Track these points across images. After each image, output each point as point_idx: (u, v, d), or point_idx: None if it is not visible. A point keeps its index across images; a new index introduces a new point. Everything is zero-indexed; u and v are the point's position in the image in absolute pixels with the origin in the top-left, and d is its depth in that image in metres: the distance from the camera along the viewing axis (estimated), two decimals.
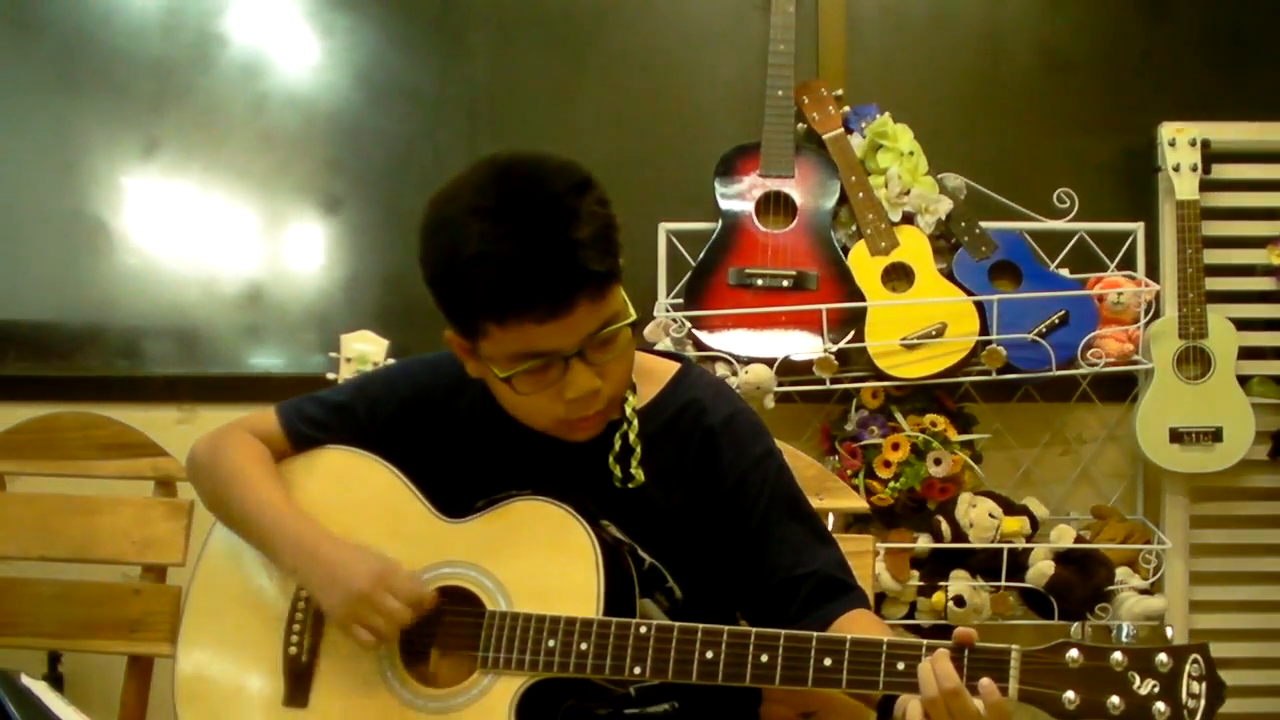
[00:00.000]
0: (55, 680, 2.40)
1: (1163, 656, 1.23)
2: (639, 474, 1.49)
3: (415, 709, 1.44)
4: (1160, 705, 1.22)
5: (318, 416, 1.60)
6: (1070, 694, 1.24)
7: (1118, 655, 1.24)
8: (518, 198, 1.35)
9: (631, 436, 1.50)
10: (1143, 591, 2.53)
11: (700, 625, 1.38)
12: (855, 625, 1.44)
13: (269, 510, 1.51)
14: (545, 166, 1.39)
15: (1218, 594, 2.70)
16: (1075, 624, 1.18)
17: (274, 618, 1.53)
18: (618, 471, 1.50)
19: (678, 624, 1.39)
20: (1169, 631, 1.28)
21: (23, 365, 2.77)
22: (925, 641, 1.31)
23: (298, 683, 1.50)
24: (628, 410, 1.50)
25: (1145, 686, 1.23)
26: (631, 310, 1.43)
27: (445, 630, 1.47)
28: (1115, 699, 1.23)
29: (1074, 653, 1.25)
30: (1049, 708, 1.25)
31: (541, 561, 1.44)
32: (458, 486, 1.53)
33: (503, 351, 1.39)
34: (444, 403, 1.56)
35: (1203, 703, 1.21)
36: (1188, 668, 1.22)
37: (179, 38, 2.77)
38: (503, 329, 1.36)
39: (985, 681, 1.25)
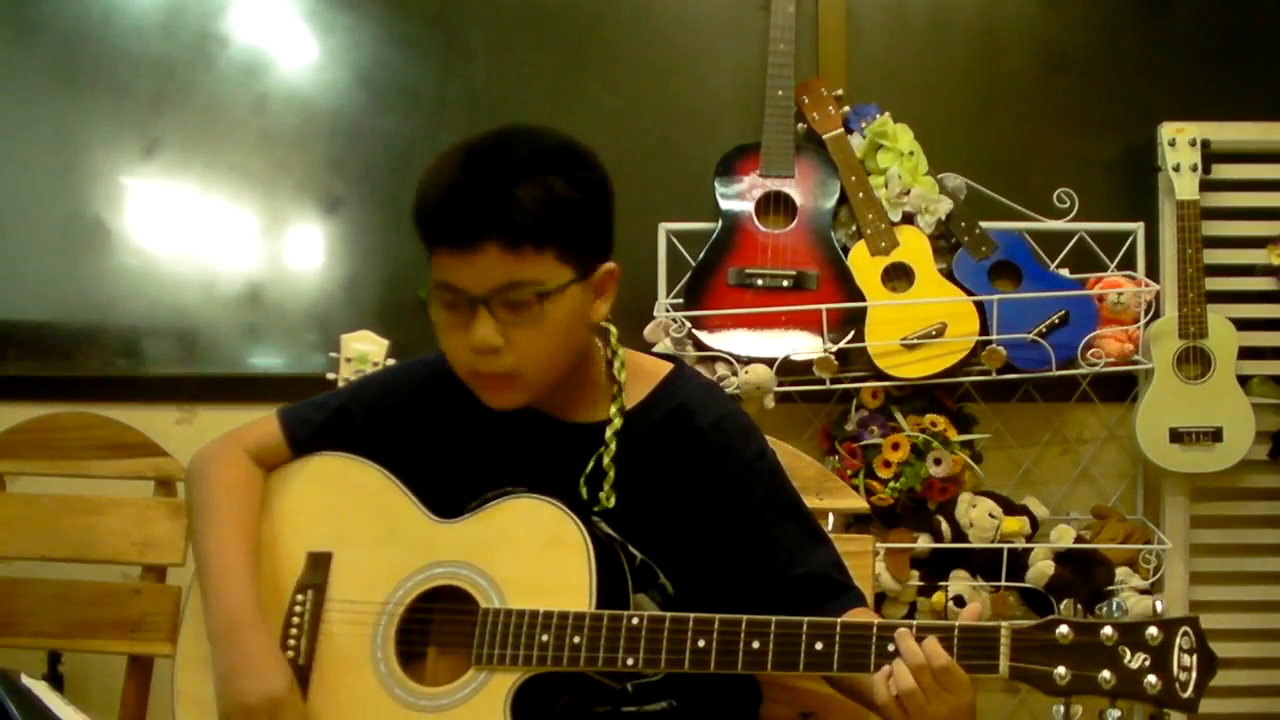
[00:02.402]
0: (55, 680, 2.39)
1: (1153, 630, 1.23)
2: (608, 501, 1.50)
3: (412, 708, 1.44)
4: (1151, 678, 1.22)
5: (316, 421, 1.62)
6: (1061, 669, 1.24)
7: (1108, 630, 1.24)
8: (489, 146, 1.43)
9: (606, 459, 1.50)
10: (1143, 591, 2.52)
11: (692, 614, 1.39)
12: None
13: (217, 568, 1.52)
14: (538, 134, 1.46)
15: (1218, 594, 2.69)
16: (1066, 600, 1.17)
17: (271, 621, 1.52)
18: (584, 494, 1.50)
19: (669, 614, 1.40)
20: (1158, 605, 1.27)
21: (23, 365, 2.77)
22: (915, 623, 1.32)
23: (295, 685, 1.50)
24: (607, 434, 1.51)
25: (1136, 660, 1.23)
26: (553, 286, 1.41)
27: (441, 629, 1.48)
28: (1106, 673, 1.23)
29: (1064, 629, 1.26)
30: (1040, 684, 1.25)
31: (535, 558, 1.45)
32: (453, 486, 1.54)
33: (433, 277, 1.44)
34: (439, 404, 1.56)
35: (1194, 674, 1.21)
36: (1178, 640, 1.23)
37: (179, 37, 2.77)
38: (432, 254, 1.43)
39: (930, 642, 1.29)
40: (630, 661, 1.38)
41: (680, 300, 2.56)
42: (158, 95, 2.77)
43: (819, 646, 1.34)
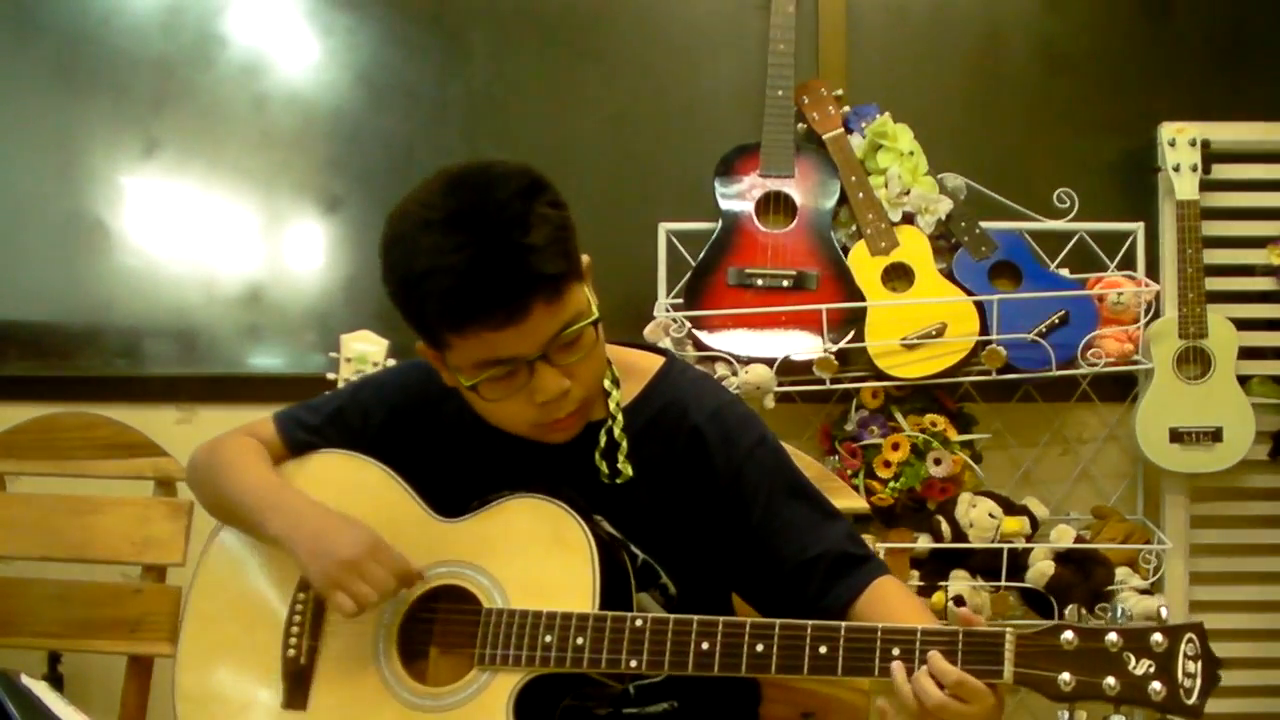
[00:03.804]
0: (55, 680, 2.39)
1: (1158, 636, 1.23)
2: (626, 469, 1.50)
3: (414, 708, 1.44)
4: (1156, 685, 1.22)
5: (313, 422, 1.62)
6: (1066, 676, 1.24)
7: (1113, 636, 1.24)
8: (465, 208, 1.36)
9: (616, 432, 1.50)
10: (1143, 591, 2.52)
11: (695, 616, 1.38)
12: (882, 596, 1.44)
13: (259, 487, 1.52)
14: (492, 173, 1.39)
15: (1218, 594, 2.70)
16: (1070, 606, 1.18)
17: (272, 621, 1.53)
18: (604, 468, 1.50)
19: (673, 616, 1.39)
20: (1163, 611, 1.27)
21: (23, 365, 2.76)
22: (920, 627, 1.31)
23: (296, 685, 1.50)
24: (611, 406, 1.51)
25: (1141, 666, 1.23)
26: (595, 309, 1.43)
27: (443, 629, 1.48)
28: (1111, 680, 1.23)
29: (1069, 634, 1.25)
30: (1045, 690, 1.25)
31: (538, 558, 1.44)
32: (452, 487, 1.54)
33: (466, 360, 1.40)
34: (436, 405, 1.56)
35: (1199, 681, 1.22)
36: (1183, 647, 1.23)
37: (179, 37, 2.77)
38: (462, 338, 1.37)
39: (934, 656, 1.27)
40: (633, 663, 1.38)
41: (680, 300, 2.56)
42: (158, 95, 2.77)
43: (823, 650, 1.33)
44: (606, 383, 1.52)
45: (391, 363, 2.30)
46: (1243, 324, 2.62)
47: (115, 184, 2.79)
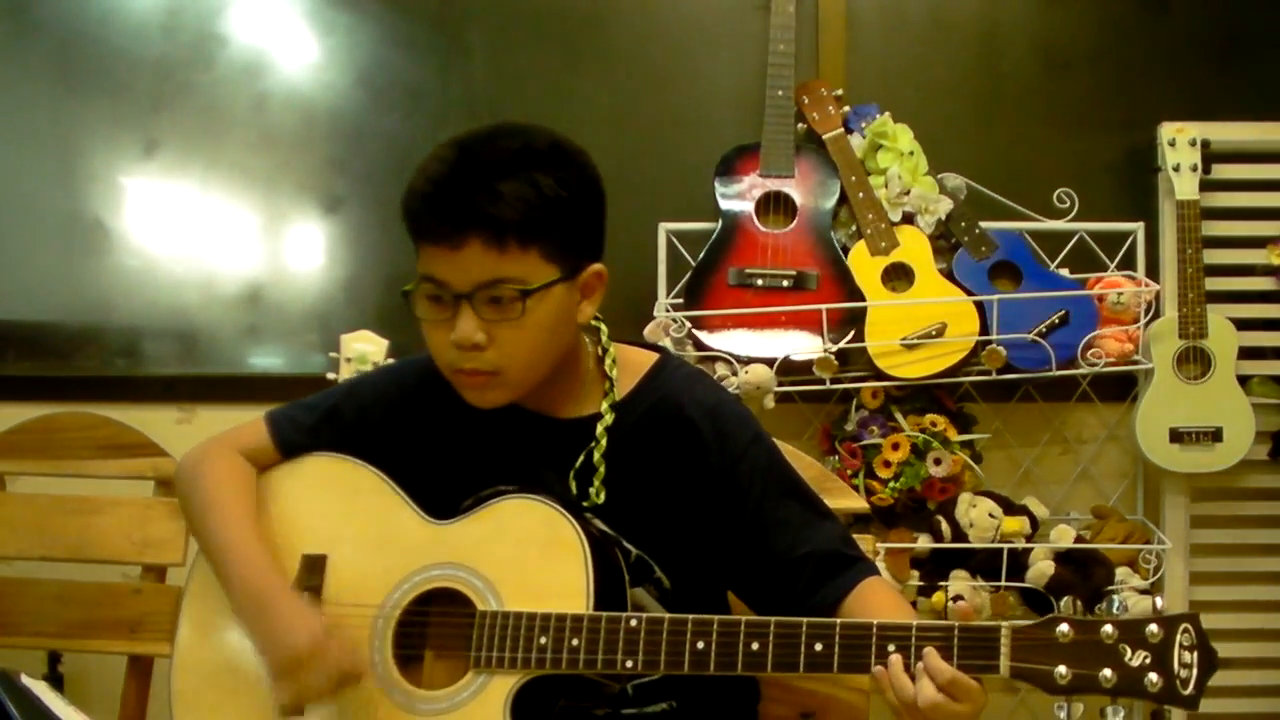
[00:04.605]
0: (55, 680, 2.39)
1: (1153, 627, 1.23)
2: (598, 497, 1.50)
3: (410, 712, 1.44)
4: (1152, 676, 1.22)
5: (307, 423, 1.61)
6: (1062, 668, 1.25)
7: (1108, 628, 1.24)
8: (479, 142, 1.44)
9: (596, 456, 1.50)
10: (1143, 591, 2.52)
11: (690, 616, 1.39)
12: (869, 595, 1.45)
13: (233, 550, 1.51)
14: (530, 131, 1.46)
15: (1218, 594, 2.69)
16: (1065, 598, 1.19)
17: None
18: (574, 489, 1.50)
19: (668, 615, 1.39)
20: (1158, 602, 1.28)
21: (23, 365, 2.77)
22: (915, 624, 1.32)
23: None
24: (598, 429, 1.50)
25: (1137, 658, 1.23)
26: (536, 284, 1.41)
27: (438, 632, 1.48)
28: (1107, 671, 1.23)
29: (1064, 627, 1.26)
30: (1041, 683, 1.26)
31: (531, 559, 1.44)
32: (445, 486, 1.54)
33: (420, 269, 1.45)
34: (430, 404, 1.56)
35: (1195, 672, 1.22)
36: (1179, 637, 1.23)
37: (179, 37, 2.77)
38: (419, 245, 1.45)
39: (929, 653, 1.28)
40: (629, 664, 1.38)
41: (680, 300, 2.56)
42: (157, 95, 2.77)
43: (818, 647, 1.34)
44: (604, 405, 1.52)
45: (391, 362, 2.30)
46: (1243, 324, 2.62)
47: (115, 184, 2.79)
